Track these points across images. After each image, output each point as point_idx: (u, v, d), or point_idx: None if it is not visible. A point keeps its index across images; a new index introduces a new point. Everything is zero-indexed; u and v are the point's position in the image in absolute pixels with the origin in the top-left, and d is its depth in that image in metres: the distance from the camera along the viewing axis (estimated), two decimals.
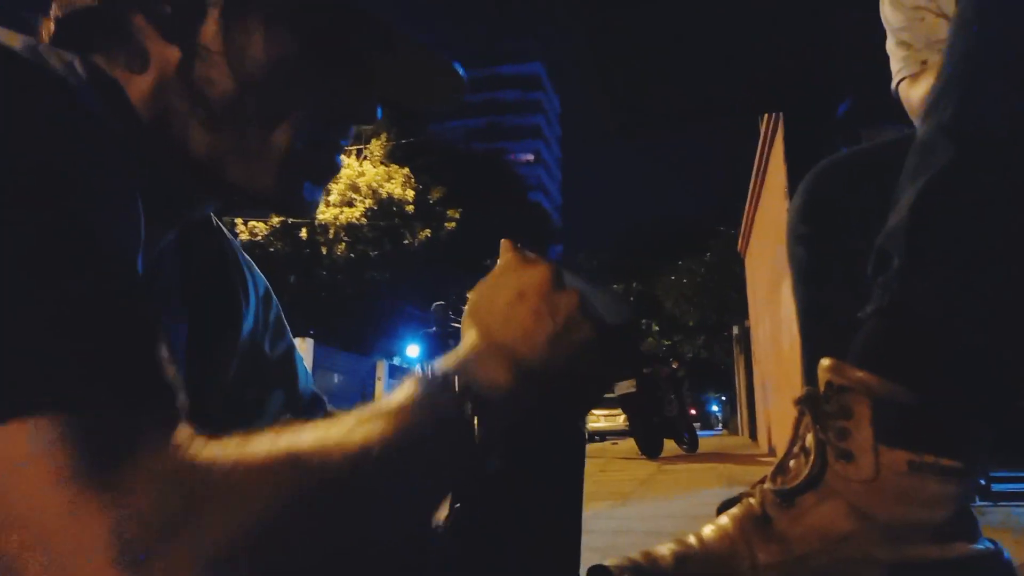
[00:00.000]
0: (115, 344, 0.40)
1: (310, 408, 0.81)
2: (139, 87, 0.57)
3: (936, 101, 0.60)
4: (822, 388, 0.62)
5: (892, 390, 0.58)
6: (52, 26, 0.57)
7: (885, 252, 0.60)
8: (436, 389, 0.50)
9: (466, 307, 0.57)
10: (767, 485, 0.63)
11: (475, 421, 0.50)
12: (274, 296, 0.82)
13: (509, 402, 0.52)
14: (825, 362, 0.62)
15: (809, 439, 0.62)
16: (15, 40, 0.49)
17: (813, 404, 0.62)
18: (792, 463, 0.63)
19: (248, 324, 0.74)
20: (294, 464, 0.42)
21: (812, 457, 0.60)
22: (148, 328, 0.43)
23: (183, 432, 0.40)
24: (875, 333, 0.61)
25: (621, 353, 0.58)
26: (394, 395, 0.50)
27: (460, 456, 0.50)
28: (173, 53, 0.57)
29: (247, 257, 0.79)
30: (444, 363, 0.53)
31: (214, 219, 0.74)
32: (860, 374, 0.59)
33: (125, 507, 0.36)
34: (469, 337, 0.55)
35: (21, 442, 0.36)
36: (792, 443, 0.64)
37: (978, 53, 0.60)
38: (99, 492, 0.35)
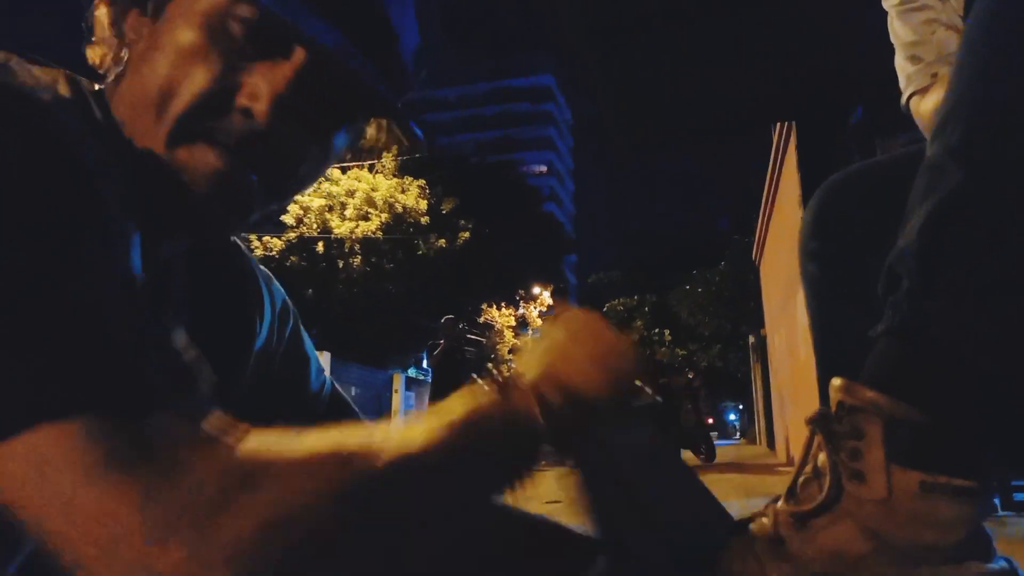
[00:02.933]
0: (129, 341, 0.42)
1: (330, 414, 0.82)
2: (117, 97, 0.59)
3: (943, 123, 0.61)
4: (834, 408, 0.62)
5: (904, 411, 0.58)
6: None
7: (895, 272, 0.61)
8: (510, 397, 0.57)
9: (524, 351, 0.65)
10: (781, 505, 0.63)
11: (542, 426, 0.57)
12: (292, 308, 0.83)
13: (560, 415, 0.59)
14: (836, 382, 0.62)
15: (821, 459, 0.62)
16: None
17: (825, 424, 0.62)
18: (804, 482, 0.63)
19: (261, 338, 0.75)
20: (341, 461, 0.44)
21: (827, 480, 0.60)
22: (155, 324, 0.45)
23: (218, 420, 0.42)
24: (886, 353, 0.61)
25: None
26: (457, 403, 0.54)
27: (522, 457, 0.58)
28: (129, 52, 0.59)
29: (265, 270, 0.80)
30: (508, 382, 0.58)
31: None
32: (871, 394, 0.59)
33: (157, 496, 0.37)
34: (529, 369, 0.61)
35: (52, 444, 0.37)
36: (803, 462, 0.64)
37: (986, 75, 0.60)
38: (131, 485, 0.37)
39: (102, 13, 0.61)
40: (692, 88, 3.76)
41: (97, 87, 0.60)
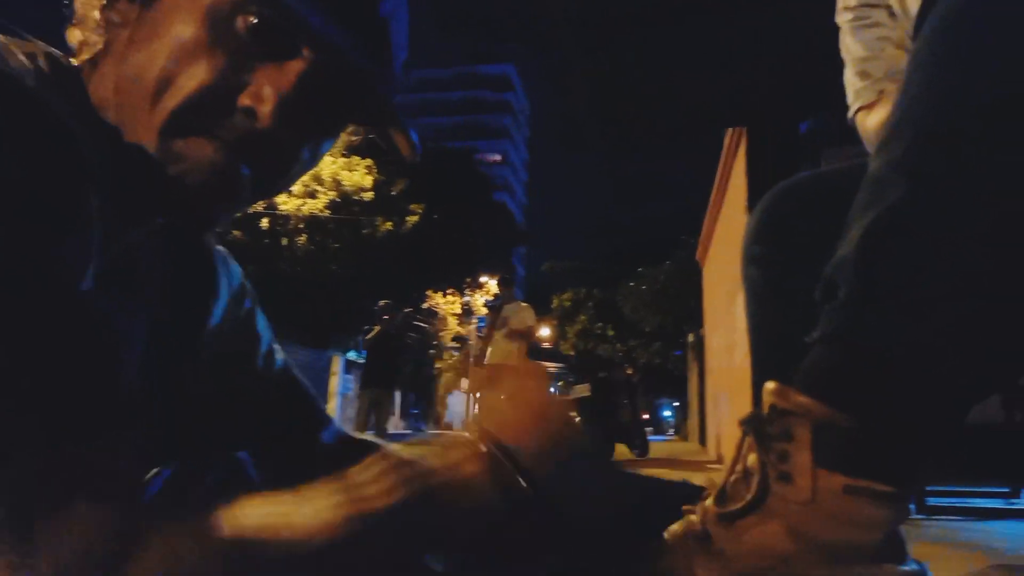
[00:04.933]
0: (63, 379, 0.42)
1: (280, 393, 0.82)
2: (96, 78, 0.58)
3: (888, 138, 0.62)
4: (766, 410, 0.63)
5: (832, 416, 0.59)
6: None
7: (833, 281, 0.62)
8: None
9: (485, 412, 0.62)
10: (710, 504, 0.65)
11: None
12: (249, 288, 0.82)
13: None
14: (770, 385, 0.63)
15: (751, 459, 0.64)
16: None
17: (756, 426, 0.63)
18: (734, 482, 0.65)
19: (216, 317, 0.75)
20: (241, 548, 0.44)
21: (755, 480, 0.62)
22: (98, 352, 0.44)
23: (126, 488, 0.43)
24: (820, 359, 0.62)
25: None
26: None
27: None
28: (114, 35, 0.58)
29: (222, 249, 0.79)
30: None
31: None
32: (802, 399, 0.61)
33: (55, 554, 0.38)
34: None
35: None
36: (734, 462, 0.65)
37: (931, 92, 0.61)
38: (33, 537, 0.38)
39: None
40: (659, 90, 3.81)
41: (75, 63, 0.59)
